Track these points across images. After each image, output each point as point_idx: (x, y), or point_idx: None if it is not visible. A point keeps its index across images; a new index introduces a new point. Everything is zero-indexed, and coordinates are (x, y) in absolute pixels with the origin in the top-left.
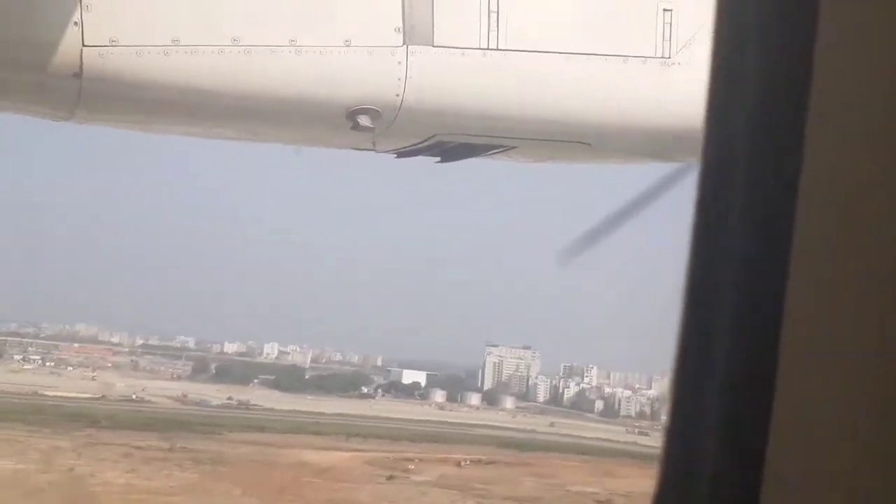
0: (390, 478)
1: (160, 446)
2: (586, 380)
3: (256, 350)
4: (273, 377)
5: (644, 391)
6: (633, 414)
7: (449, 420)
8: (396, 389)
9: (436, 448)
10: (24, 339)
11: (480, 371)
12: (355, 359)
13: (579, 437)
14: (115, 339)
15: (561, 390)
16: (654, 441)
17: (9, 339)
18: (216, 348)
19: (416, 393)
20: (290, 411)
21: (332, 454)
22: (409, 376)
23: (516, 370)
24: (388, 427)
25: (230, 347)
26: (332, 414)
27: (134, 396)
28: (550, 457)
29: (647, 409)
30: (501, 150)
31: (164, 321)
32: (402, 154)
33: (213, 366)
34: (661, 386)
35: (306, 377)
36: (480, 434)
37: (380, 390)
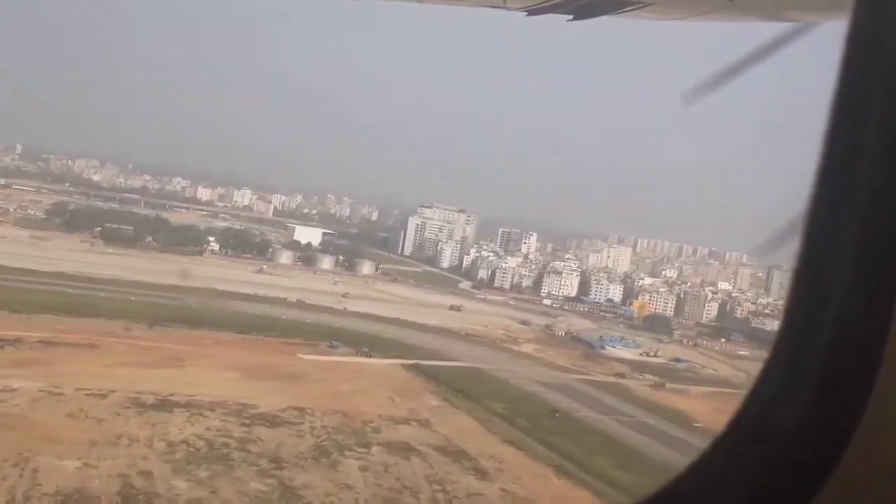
0: None
1: None
2: (523, 247)
3: (225, 197)
4: (124, 228)
5: (566, 263)
6: (506, 286)
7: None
8: (244, 248)
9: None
10: None
11: (402, 233)
12: (347, 211)
13: (318, 309)
14: (96, 177)
15: (462, 257)
16: (434, 317)
17: None
18: (189, 193)
19: (267, 252)
20: None
21: None
22: (303, 234)
23: (438, 233)
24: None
25: (203, 193)
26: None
27: None
28: (156, 333)
29: (528, 283)
30: (637, 6)
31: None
32: (532, 11)
33: (69, 212)
34: (602, 257)
35: (172, 228)
36: (171, 305)
37: (210, 248)
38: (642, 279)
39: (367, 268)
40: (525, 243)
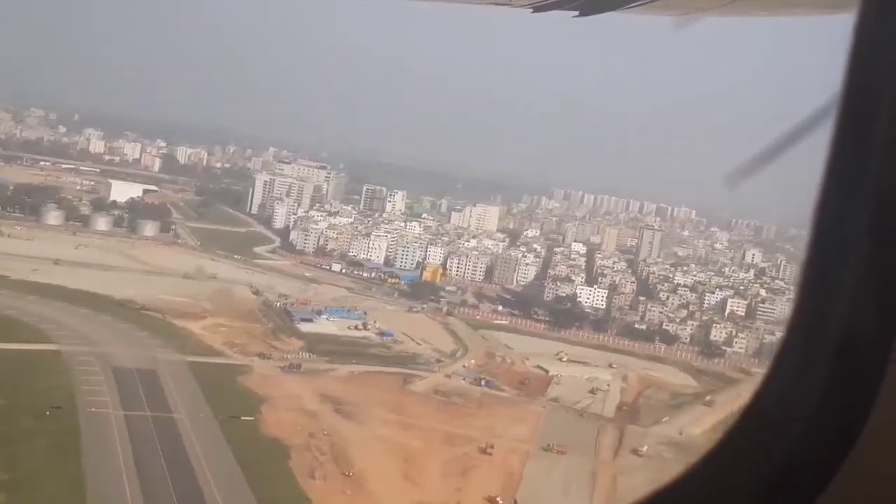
0: None
1: None
2: (389, 205)
3: (115, 150)
4: None
5: (390, 225)
6: (310, 250)
7: None
8: (17, 207)
9: None
10: None
11: (251, 190)
12: (259, 164)
13: None
14: None
15: (290, 216)
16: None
17: None
18: (82, 145)
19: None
20: None
21: None
22: (121, 191)
23: (288, 191)
24: None
25: (97, 146)
26: None
27: None
28: None
29: (326, 245)
30: (643, 2)
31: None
32: (538, 8)
33: None
34: (464, 216)
35: None
36: None
37: None
38: (468, 241)
39: (149, 230)
40: (390, 202)
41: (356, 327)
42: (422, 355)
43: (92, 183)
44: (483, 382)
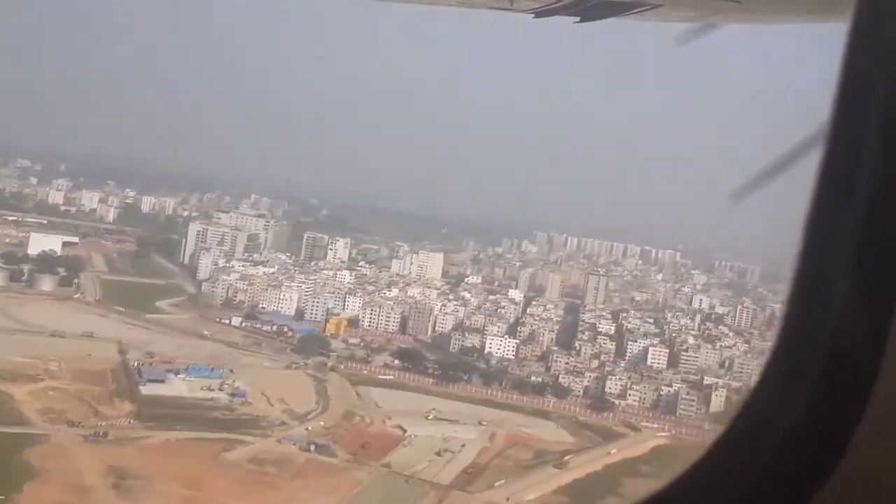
0: None
1: None
2: (330, 253)
3: (74, 200)
4: None
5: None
6: (216, 303)
7: None
8: None
9: None
10: None
11: (184, 240)
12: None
13: None
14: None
15: (211, 267)
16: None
17: None
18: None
19: None
20: None
21: None
22: (39, 243)
23: (221, 241)
24: None
25: (55, 196)
26: None
27: None
28: None
29: (235, 297)
30: (645, 8)
31: None
32: (540, 13)
33: None
34: (405, 264)
35: None
36: None
37: None
38: (390, 291)
39: (48, 284)
40: (331, 249)
41: (209, 388)
42: (266, 418)
43: (27, 235)
44: (313, 448)
